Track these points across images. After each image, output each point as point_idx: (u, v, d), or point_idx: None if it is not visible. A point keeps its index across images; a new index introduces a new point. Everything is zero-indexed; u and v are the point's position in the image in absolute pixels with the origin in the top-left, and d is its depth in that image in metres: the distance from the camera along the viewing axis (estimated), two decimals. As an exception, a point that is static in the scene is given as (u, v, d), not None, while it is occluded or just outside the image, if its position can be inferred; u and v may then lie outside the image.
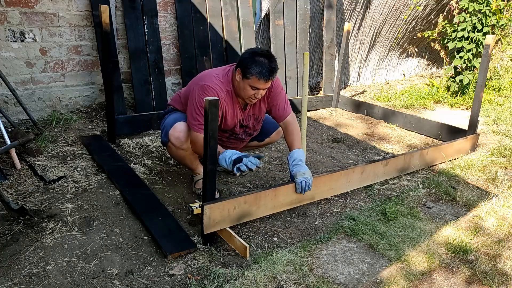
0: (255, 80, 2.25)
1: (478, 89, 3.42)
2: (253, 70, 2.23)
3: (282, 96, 2.54)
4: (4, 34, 3.32)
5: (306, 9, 4.67)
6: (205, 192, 2.04)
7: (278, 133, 2.83)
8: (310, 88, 5.36)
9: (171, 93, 4.22)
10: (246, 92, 2.32)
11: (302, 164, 2.38)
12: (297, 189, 2.34)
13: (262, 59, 2.24)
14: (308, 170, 2.37)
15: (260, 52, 2.28)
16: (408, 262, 2.07)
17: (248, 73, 2.24)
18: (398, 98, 5.28)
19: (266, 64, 2.24)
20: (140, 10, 3.75)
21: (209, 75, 2.40)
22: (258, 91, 2.30)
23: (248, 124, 2.57)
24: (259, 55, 2.26)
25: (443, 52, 5.49)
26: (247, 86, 2.29)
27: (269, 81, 2.28)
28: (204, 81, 2.35)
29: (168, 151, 2.56)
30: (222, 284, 1.84)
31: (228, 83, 2.38)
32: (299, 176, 2.32)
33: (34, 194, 2.52)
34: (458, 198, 2.72)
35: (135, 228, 2.24)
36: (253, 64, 2.23)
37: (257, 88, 2.28)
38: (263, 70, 2.22)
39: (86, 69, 3.78)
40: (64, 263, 1.93)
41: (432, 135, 3.93)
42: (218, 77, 2.37)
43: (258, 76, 2.23)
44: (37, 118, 3.55)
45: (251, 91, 2.30)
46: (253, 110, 2.53)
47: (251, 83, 2.27)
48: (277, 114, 2.54)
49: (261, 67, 2.22)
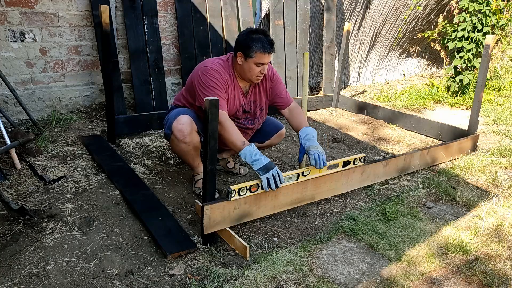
0: (259, 55, 2.34)
1: (478, 89, 3.42)
2: (255, 47, 2.32)
3: (283, 85, 2.68)
4: (4, 34, 3.32)
5: (306, 9, 4.67)
6: (205, 192, 2.03)
7: (279, 136, 2.83)
8: (310, 88, 5.36)
9: (171, 93, 4.22)
10: (252, 72, 2.40)
11: (315, 140, 2.44)
12: (311, 161, 2.35)
13: (259, 36, 2.35)
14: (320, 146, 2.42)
15: (255, 30, 2.39)
16: (408, 262, 2.07)
17: (251, 51, 2.33)
18: (398, 98, 5.28)
19: (264, 39, 2.34)
20: (140, 10, 3.75)
21: (210, 61, 2.48)
22: (263, 66, 2.40)
23: (250, 110, 2.60)
24: (254, 33, 2.37)
25: (443, 52, 5.50)
26: (252, 65, 2.37)
27: (271, 53, 2.37)
28: (206, 64, 2.43)
29: (171, 144, 2.55)
30: (222, 284, 1.84)
31: (230, 68, 2.46)
32: (313, 149, 2.37)
33: (34, 194, 2.52)
34: (458, 198, 2.72)
35: (135, 228, 2.24)
36: (253, 41, 2.33)
37: (261, 63, 2.38)
38: (265, 44, 2.33)
39: (86, 69, 3.78)
40: (64, 263, 1.93)
41: (432, 135, 3.93)
42: (219, 62, 2.46)
43: (262, 51, 2.33)
44: (37, 118, 3.55)
45: (257, 69, 2.39)
46: (254, 96, 2.59)
47: (255, 60, 2.35)
48: (282, 102, 2.64)
49: (261, 42, 2.33)
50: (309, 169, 2.41)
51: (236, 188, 2.10)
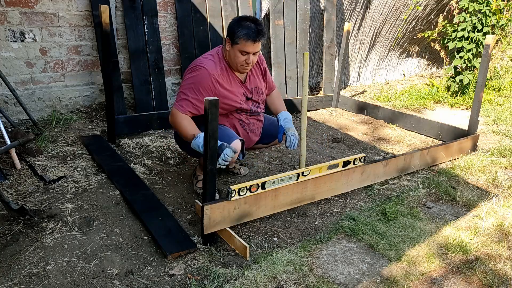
0: (243, 43, 2.29)
1: (478, 89, 3.42)
2: (240, 33, 2.28)
3: (268, 72, 2.74)
4: (4, 34, 3.32)
5: (306, 9, 4.67)
6: (205, 192, 2.04)
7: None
8: (310, 88, 5.36)
9: (171, 93, 4.22)
10: (237, 59, 2.36)
11: (292, 124, 2.64)
12: (286, 142, 2.57)
13: (248, 23, 2.30)
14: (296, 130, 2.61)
15: (246, 17, 2.35)
16: (408, 262, 2.07)
17: (236, 37, 2.29)
18: (398, 98, 5.28)
19: (253, 27, 2.29)
20: (140, 10, 3.75)
21: (201, 58, 2.47)
22: (249, 55, 2.34)
23: (252, 97, 2.59)
24: (244, 19, 2.33)
25: (443, 52, 5.49)
26: (237, 52, 2.33)
27: (256, 42, 2.31)
28: (195, 63, 2.42)
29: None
30: (222, 284, 1.84)
31: (221, 60, 2.43)
32: (291, 131, 2.58)
33: (34, 194, 2.52)
34: (458, 198, 2.72)
35: (135, 228, 2.24)
36: (240, 27, 2.29)
37: (246, 52, 2.32)
38: (250, 31, 2.28)
39: (86, 69, 3.78)
40: (64, 263, 1.93)
41: (432, 135, 3.93)
42: (209, 58, 2.43)
43: (246, 38, 2.27)
44: (37, 118, 3.55)
45: (242, 57, 2.34)
46: (253, 82, 2.58)
47: (240, 47, 2.31)
48: (269, 86, 2.75)
49: (248, 29, 2.28)
50: (309, 169, 2.41)
51: (236, 188, 2.11)
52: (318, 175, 2.47)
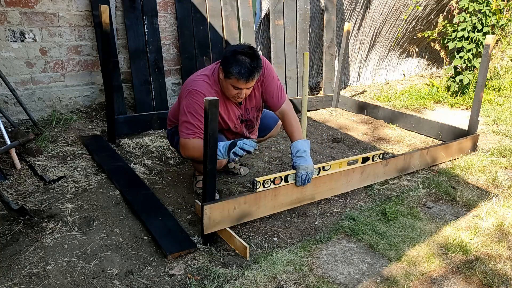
0: (235, 81, 2.19)
1: (478, 89, 3.42)
2: (233, 70, 2.16)
3: (275, 82, 2.46)
4: (4, 34, 3.32)
5: (306, 9, 4.67)
6: (205, 192, 2.04)
7: (278, 126, 2.83)
8: (310, 88, 5.36)
9: (171, 93, 4.22)
10: (229, 92, 2.28)
11: (307, 156, 2.31)
12: (297, 183, 2.34)
13: (243, 58, 2.16)
14: (311, 163, 2.32)
15: (241, 51, 2.19)
16: (408, 262, 2.07)
17: (229, 72, 2.18)
18: (398, 98, 5.28)
19: (247, 64, 2.16)
20: (140, 10, 3.75)
21: (196, 79, 2.33)
22: (241, 90, 2.25)
23: (249, 118, 2.53)
24: (240, 53, 2.18)
25: (443, 52, 5.49)
26: (229, 85, 2.24)
27: (249, 81, 2.20)
28: (191, 86, 2.31)
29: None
30: (222, 284, 1.84)
31: (216, 83, 2.33)
32: (302, 170, 2.29)
33: (34, 194, 2.52)
34: (458, 198, 2.72)
35: (135, 228, 2.24)
36: (234, 63, 2.16)
37: (238, 88, 2.23)
38: (243, 70, 2.15)
39: (86, 69, 3.78)
40: (64, 263, 1.93)
41: (432, 135, 3.93)
42: (205, 79, 2.32)
43: (238, 77, 2.16)
44: (37, 118, 3.55)
45: (234, 91, 2.25)
46: (249, 103, 2.48)
47: (232, 83, 2.22)
48: (272, 103, 2.46)
49: (241, 67, 2.15)
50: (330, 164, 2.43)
51: (261, 180, 2.18)
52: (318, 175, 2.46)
